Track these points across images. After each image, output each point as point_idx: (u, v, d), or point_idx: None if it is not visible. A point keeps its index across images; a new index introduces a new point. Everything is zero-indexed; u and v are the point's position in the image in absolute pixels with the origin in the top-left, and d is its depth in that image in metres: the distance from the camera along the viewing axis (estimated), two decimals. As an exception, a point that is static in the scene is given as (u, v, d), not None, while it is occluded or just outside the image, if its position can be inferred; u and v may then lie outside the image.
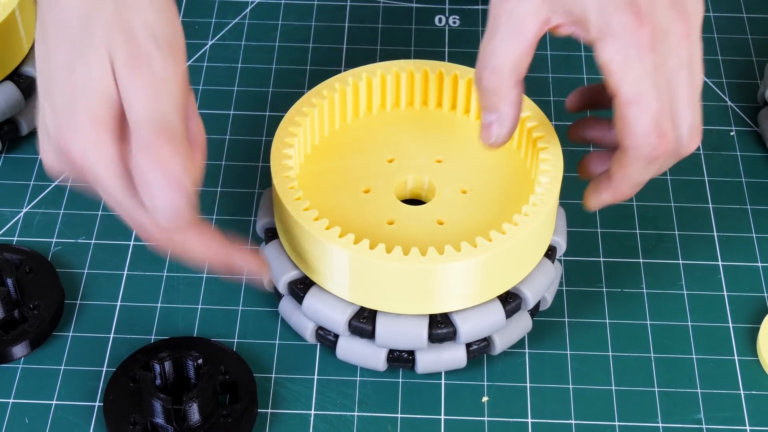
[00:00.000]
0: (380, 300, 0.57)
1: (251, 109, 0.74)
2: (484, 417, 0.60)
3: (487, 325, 0.58)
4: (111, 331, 0.63)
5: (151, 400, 0.57)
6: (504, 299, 0.59)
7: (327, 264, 0.57)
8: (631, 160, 0.55)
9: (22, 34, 0.69)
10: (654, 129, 0.54)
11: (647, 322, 0.64)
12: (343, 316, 0.58)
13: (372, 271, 0.56)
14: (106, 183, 0.53)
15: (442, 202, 0.60)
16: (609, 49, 0.53)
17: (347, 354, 0.60)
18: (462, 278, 0.56)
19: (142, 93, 0.51)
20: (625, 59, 0.53)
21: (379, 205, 0.60)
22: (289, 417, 0.60)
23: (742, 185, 0.70)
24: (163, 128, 0.51)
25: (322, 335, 0.60)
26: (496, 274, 0.57)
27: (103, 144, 0.52)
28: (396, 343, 0.58)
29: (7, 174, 0.71)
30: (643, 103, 0.53)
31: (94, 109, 0.52)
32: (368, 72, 0.63)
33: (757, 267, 0.66)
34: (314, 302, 0.59)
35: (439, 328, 0.58)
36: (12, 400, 0.61)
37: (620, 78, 0.53)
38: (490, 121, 0.57)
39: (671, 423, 0.60)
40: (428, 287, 0.56)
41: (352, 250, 0.56)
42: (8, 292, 0.62)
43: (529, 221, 0.57)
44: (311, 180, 0.61)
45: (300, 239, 0.58)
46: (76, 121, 0.52)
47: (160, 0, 0.53)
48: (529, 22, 0.55)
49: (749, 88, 0.76)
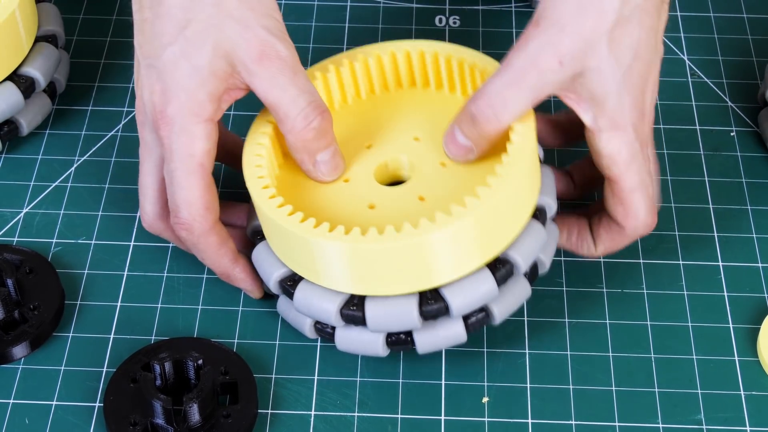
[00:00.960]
0: (368, 284, 0.57)
1: (251, 109, 0.74)
2: (485, 417, 0.60)
3: (479, 295, 0.57)
4: (111, 331, 0.63)
5: (151, 400, 0.57)
6: (493, 266, 0.57)
7: (306, 256, 0.57)
8: (629, 238, 0.61)
9: (22, 34, 0.69)
10: (652, 211, 0.60)
11: (647, 322, 0.64)
12: (333, 305, 0.58)
13: (351, 256, 0.56)
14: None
15: (422, 178, 0.60)
16: (617, 141, 0.58)
17: (347, 344, 0.59)
18: (444, 248, 0.56)
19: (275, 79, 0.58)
20: (631, 152, 0.58)
21: (359, 191, 0.60)
22: (289, 417, 0.60)
23: (742, 185, 0.70)
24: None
25: (321, 329, 0.60)
26: (478, 240, 0.56)
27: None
28: (388, 325, 0.58)
29: (7, 174, 0.71)
30: (646, 189, 0.59)
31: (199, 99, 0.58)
32: (335, 63, 0.63)
33: (757, 267, 0.66)
34: (304, 297, 0.58)
35: (429, 304, 0.57)
36: (12, 400, 0.61)
37: (625, 168, 0.58)
38: (466, 147, 0.58)
39: (671, 423, 0.60)
40: (411, 263, 0.56)
41: (326, 238, 0.55)
42: (8, 292, 0.62)
43: (503, 181, 0.56)
44: (290, 178, 0.61)
45: (279, 235, 0.58)
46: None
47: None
48: (550, 89, 0.57)
49: (749, 88, 0.76)
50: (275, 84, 0.58)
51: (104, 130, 0.73)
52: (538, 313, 0.64)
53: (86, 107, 0.75)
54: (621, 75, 0.56)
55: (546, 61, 0.55)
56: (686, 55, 0.78)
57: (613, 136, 0.58)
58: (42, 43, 0.72)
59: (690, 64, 0.77)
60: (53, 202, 0.69)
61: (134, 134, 0.73)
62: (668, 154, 0.72)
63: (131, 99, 0.75)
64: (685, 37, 0.79)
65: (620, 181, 0.59)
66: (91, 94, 0.76)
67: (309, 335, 0.61)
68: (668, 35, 0.79)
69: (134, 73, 0.62)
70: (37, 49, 0.71)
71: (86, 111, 0.75)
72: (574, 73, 0.56)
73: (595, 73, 0.56)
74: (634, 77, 0.57)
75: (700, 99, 0.75)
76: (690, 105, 0.75)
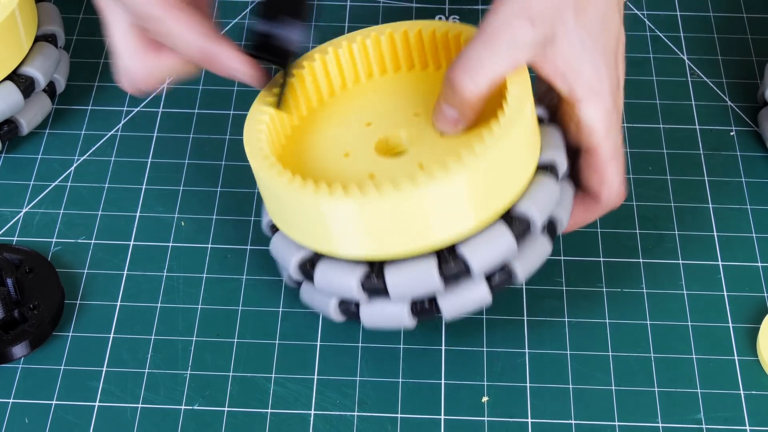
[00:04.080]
0: (380, 243, 0.56)
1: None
2: (484, 417, 0.60)
3: (499, 251, 0.56)
4: (111, 331, 0.64)
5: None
6: (509, 222, 0.57)
7: (316, 220, 0.56)
8: (602, 210, 0.61)
9: (22, 34, 0.69)
10: (624, 181, 0.61)
11: (647, 322, 0.64)
12: (353, 278, 0.57)
13: (359, 207, 0.55)
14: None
15: (422, 148, 0.60)
16: (596, 110, 0.58)
17: (373, 320, 0.59)
18: (454, 196, 0.55)
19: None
20: (609, 121, 0.58)
21: (359, 164, 0.60)
22: (289, 417, 0.60)
23: (742, 185, 0.70)
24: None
25: (345, 309, 0.59)
26: (487, 188, 0.56)
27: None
28: (411, 291, 0.57)
29: (7, 174, 0.71)
30: (621, 158, 0.60)
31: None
32: (334, 45, 0.63)
33: (757, 267, 0.66)
34: (324, 274, 0.58)
35: (449, 264, 0.56)
36: (12, 400, 0.61)
37: (604, 137, 0.58)
38: (453, 117, 0.58)
39: (671, 423, 0.60)
40: (417, 215, 0.55)
41: (331, 194, 0.55)
42: (8, 292, 0.62)
43: (499, 137, 0.55)
44: (290, 160, 0.61)
45: (285, 205, 0.57)
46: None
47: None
48: (524, 53, 0.56)
49: (749, 88, 0.76)
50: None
51: (104, 129, 0.73)
52: (538, 312, 0.64)
53: (86, 107, 0.75)
54: (593, 44, 0.57)
55: (518, 23, 0.55)
56: (686, 54, 0.78)
57: (592, 106, 0.58)
58: (42, 43, 0.72)
59: (690, 64, 0.77)
60: (53, 202, 0.69)
61: (134, 134, 0.73)
62: (668, 153, 0.72)
63: (131, 99, 0.75)
64: (685, 36, 0.79)
65: (598, 150, 0.59)
66: (90, 93, 0.76)
67: (334, 317, 0.60)
68: (668, 35, 0.79)
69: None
70: (36, 49, 0.71)
71: (86, 111, 0.75)
72: (545, 35, 0.56)
73: (567, 42, 0.56)
74: (607, 47, 0.57)
75: (700, 99, 0.75)
76: (690, 105, 0.75)
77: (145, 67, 0.59)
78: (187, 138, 0.73)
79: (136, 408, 0.61)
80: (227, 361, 0.62)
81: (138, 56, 0.59)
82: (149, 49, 0.59)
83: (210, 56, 0.57)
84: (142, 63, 0.59)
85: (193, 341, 0.63)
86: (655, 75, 0.76)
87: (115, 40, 0.59)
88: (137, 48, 0.59)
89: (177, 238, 0.67)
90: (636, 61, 0.76)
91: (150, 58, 0.59)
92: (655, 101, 0.75)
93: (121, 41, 0.59)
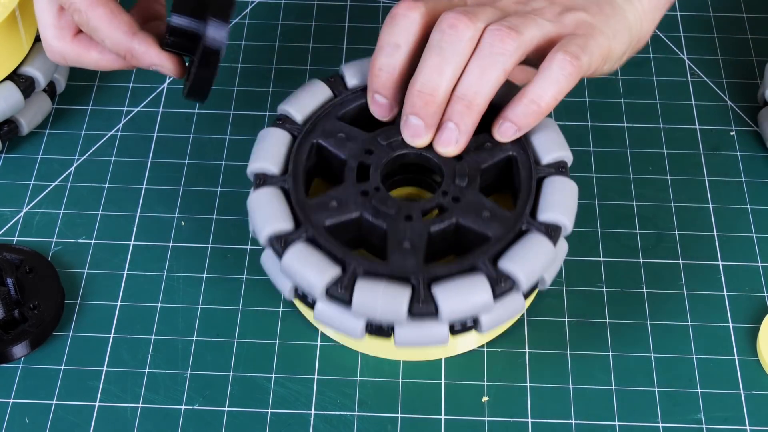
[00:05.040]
0: None
1: (251, 108, 0.74)
2: (484, 417, 0.60)
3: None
4: (111, 331, 0.64)
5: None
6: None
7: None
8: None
9: (22, 34, 0.69)
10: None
11: (647, 322, 0.64)
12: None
13: None
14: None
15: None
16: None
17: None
18: None
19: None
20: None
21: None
22: (289, 417, 0.60)
23: (742, 185, 0.70)
24: None
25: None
26: None
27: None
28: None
29: (7, 174, 0.71)
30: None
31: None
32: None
33: (757, 267, 0.66)
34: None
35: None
36: (12, 400, 0.61)
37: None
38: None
39: (671, 423, 0.60)
40: None
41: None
42: (8, 292, 0.63)
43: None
44: None
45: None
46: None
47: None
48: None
49: (749, 88, 0.76)
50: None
51: (104, 129, 0.73)
52: (538, 312, 0.64)
53: (86, 107, 0.75)
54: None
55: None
56: (686, 54, 0.78)
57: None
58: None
59: (690, 64, 0.77)
60: (53, 202, 0.69)
61: (134, 134, 0.73)
62: (668, 153, 0.72)
63: (131, 99, 0.75)
64: (685, 36, 0.79)
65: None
66: (90, 93, 0.76)
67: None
68: (668, 35, 0.79)
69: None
70: (37, 49, 0.71)
71: (86, 110, 0.75)
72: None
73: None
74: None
75: (700, 98, 0.75)
76: (690, 104, 0.75)
77: (72, 51, 0.62)
78: (187, 138, 0.73)
79: (136, 408, 0.61)
80: (227, 361, 0.62)
81: (63, 39, 0.62)
82: (75, 34, 0.61)
83: (129, 53, 0.60)
84: (70, 46, 0.62)
85: (193, 341, 0.63)
86: (655, 75, 0.76)
87: (40, 16, 0.62)
88: (62, 29, 0.61)
89: (177, 238, 0.67)
90: (636, 61, 0.76)
91: (75, 44, 0.62)
92: (655, 101, 0.75)
93: (45, 18, 0.61)
